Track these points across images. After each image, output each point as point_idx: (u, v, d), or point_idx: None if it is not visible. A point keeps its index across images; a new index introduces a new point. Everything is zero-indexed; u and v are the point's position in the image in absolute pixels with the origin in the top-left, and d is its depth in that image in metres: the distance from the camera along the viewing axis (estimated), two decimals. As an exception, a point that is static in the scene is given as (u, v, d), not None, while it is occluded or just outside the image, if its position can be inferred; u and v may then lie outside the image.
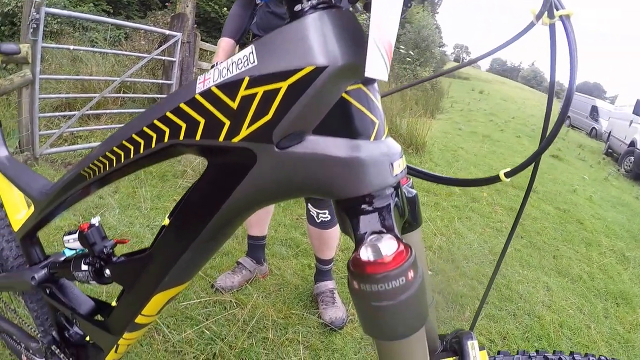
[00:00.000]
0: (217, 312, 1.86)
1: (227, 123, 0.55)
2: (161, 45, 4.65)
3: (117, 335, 0.90)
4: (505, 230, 3.52)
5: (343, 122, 0.53)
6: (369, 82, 0.55)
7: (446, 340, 0.80)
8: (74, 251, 0.99)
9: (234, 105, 0.54)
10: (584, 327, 2.35)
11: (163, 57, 4.75)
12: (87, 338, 1.08)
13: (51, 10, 3.26)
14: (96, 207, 2.71)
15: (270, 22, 1.75)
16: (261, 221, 2.12)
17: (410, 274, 0.50)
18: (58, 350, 1.07)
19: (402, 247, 0.51)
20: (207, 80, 0.57)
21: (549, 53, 0.57)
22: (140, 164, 0.71)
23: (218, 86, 0.55)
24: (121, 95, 4.71)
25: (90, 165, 0.76)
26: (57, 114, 3.97)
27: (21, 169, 1.08)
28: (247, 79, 0.52)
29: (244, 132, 0.54)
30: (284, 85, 0.50)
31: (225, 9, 11.92)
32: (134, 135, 0.66)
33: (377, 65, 0.48)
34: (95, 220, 0.92)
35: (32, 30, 3.01)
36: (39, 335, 1.12)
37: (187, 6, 5.05)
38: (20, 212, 1.06)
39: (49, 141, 3.46)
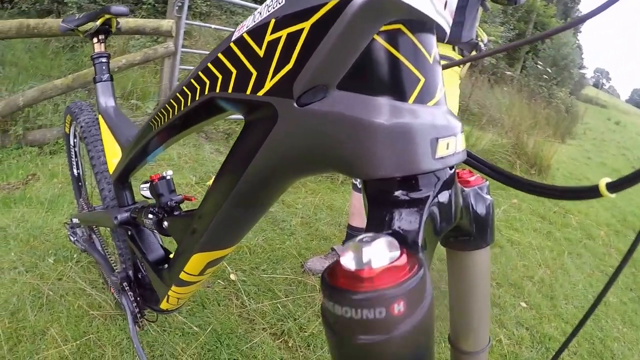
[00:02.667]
0: (298, 292, 1.89)
1: (254, 74, 0.48)
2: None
3: (167, 287, 0.93)
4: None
5: (371, 73, 0.41)
6: (416, 26, 0.41)
7: None
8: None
9: (261, 52, 0.47)
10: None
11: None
12: None
13: (197, -8, 3.56)
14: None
15: None
16: (364, 213, 2.08)
17: (399, 307, 0.34)
18: (128, 287, 1.16)
19: (402, 261, 0.35)
20: (243, 27, 0.50)
21: None
22: (191, 118, 0.69)
23: (248, 32, 0.49)
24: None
25: (155, 116, 0.78)
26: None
27: (120, 119, 1.19)
28: (273, 21, 0.45)
29: (268, 84, 0.46)
30: (306, 26, 0.41)
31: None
32: (184, 87, 0.64)
33: None
34: (167, 174, 0.97)
35: (177, 8, 3.36)
36: (117, 271, 1.22)
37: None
38: (117, 157, 1.16)
39: (183, 108, 3.79)
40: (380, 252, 0.34)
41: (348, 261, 0.34)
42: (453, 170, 0.48)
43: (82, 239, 1.55)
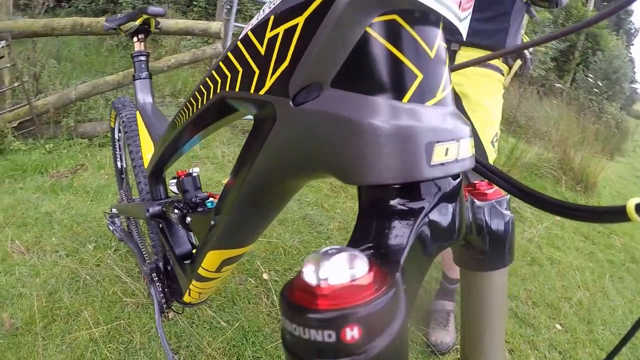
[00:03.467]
0: (327, 296, 1.88)
1: (257, 72, 0.46)
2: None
3: (189, 280, 0.94)
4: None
5: (363, 69, 0.37)
6: (416, 18, 0.37)
7: None
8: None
9: (262, 50, 0.45)
10: None
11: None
12: None
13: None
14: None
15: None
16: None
17: (352, 333, 0.29)
18: (157, 278, 1.20)
19: (367, 280, 0.30)
20: (249, 25, 0.49)
21: None
22: (207, 117, 0.69)
23: (252, 30, 0.47)
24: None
25: (179, 113, 0.79)
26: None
27: (156, 115, 1.23)
28: (272, 17, 0.43)
29: (268, 82, 0.44)
30: (300, 21, 0.39)
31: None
32: (201, 86, 0.64)
33: None
34: (193, 170, 0.99)
35: (225, 10, 3.45)
36: (148, 262, 1.26)
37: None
38: (151, 152, 1.20)
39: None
40: (340, 268, 0.30)
41: (307, 274, 0.31)
42: (458, 180, 0.42)
43: (119, 229, 1.61)
